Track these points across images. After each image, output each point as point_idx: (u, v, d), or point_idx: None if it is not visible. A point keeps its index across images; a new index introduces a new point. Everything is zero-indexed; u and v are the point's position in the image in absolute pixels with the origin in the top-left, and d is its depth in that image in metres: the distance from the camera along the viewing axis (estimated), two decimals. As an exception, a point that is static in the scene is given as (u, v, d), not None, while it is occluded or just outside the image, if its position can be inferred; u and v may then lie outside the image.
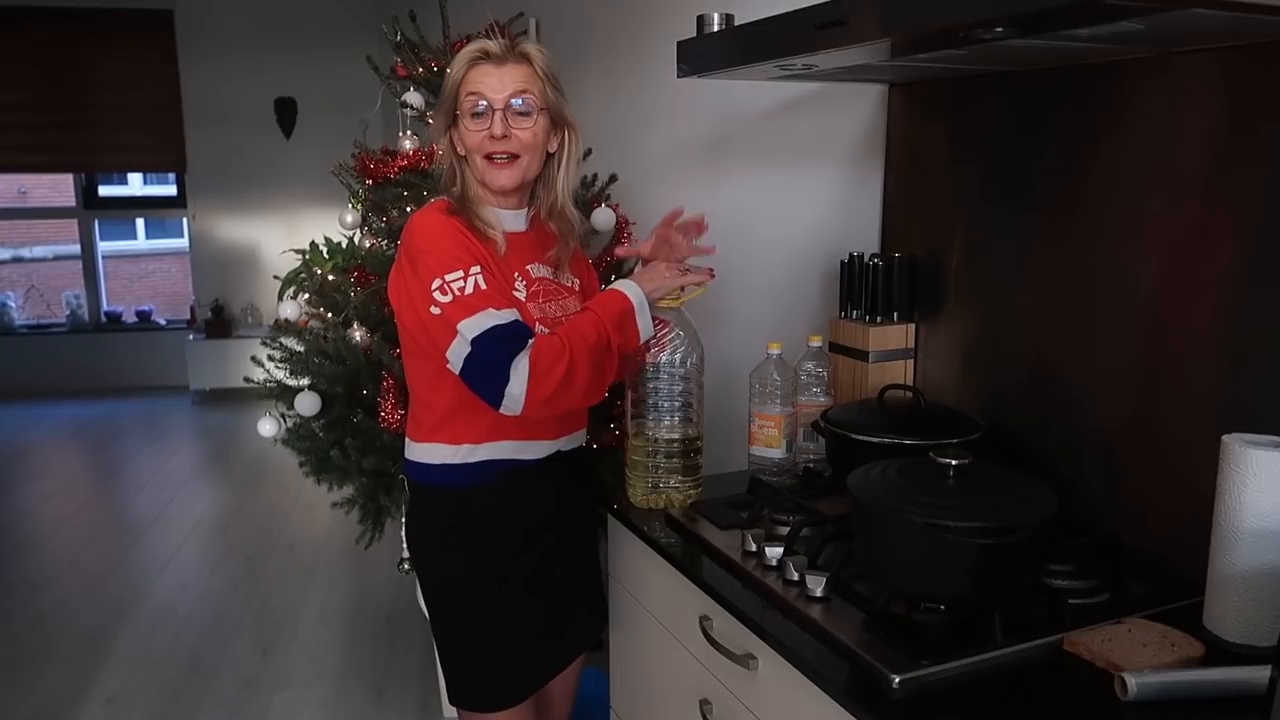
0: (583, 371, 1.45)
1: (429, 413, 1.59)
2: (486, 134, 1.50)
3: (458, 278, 1.44)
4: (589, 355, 1.46)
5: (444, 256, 1.46)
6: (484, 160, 1.52)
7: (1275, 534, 1.10)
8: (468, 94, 1.51)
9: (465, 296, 1.43)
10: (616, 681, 1.84)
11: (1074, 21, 1.04)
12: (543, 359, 1.42)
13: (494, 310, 1.43)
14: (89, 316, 7.20)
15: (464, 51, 1.53)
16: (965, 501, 1.20)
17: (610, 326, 1.49)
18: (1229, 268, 1.26)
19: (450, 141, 1.56)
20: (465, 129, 1.52)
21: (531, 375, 1.41)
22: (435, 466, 1.60)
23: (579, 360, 1.44)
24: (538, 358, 1.42)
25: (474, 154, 1.53)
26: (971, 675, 1.11)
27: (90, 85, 6.71)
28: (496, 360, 1.42)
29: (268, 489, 4.84)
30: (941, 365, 1.76)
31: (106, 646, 3.23)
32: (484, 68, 1.51)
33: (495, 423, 1.55)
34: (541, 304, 1.58)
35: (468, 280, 1.44)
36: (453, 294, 1.43)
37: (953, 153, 1.70)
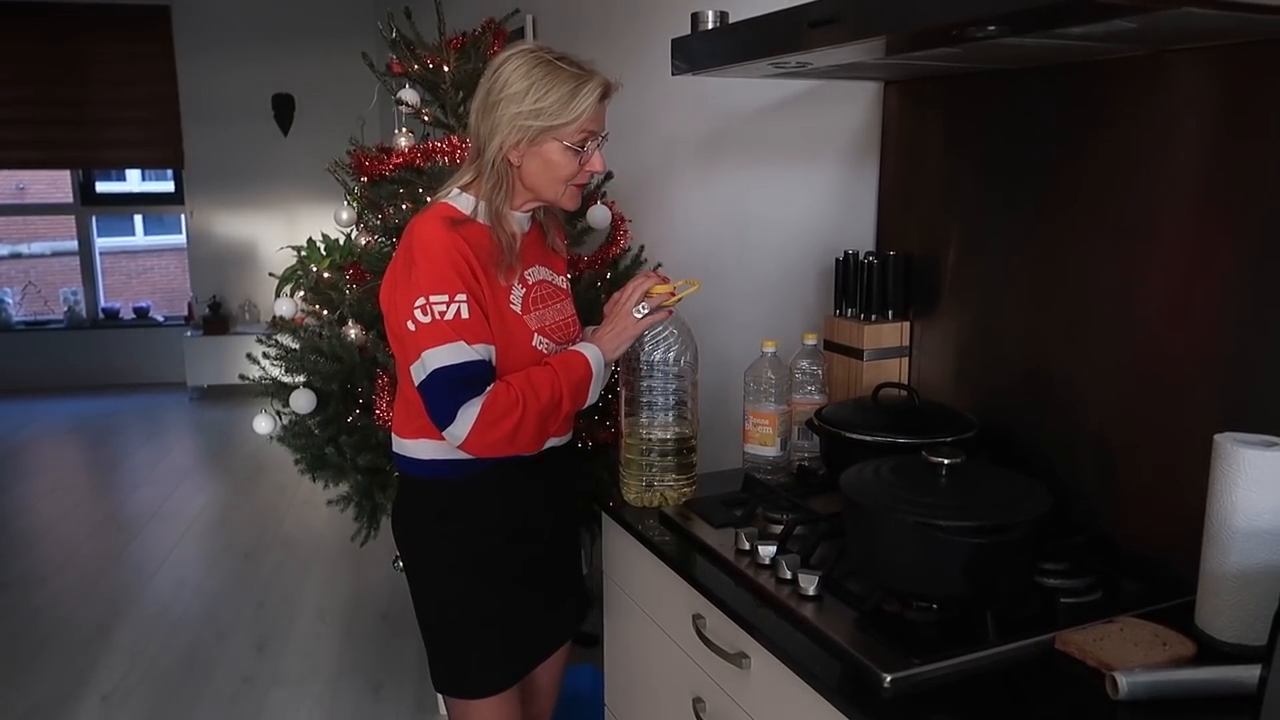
0: (529, 427, 1.48)
1: (416, 409, 1.57)
2: (584, 165, 1.51)
3: (442, 301, 1.43)
4: (538, 413, 1.49)
5: (436, 276, 1.45)
6: (570, 187, 1.53)
7: (1267, 533, 1.10)
8: (591, 129, 1.49)
9: (442, 322, 1.43)
10: (611, 679, 1.85)
11: (1066, 20, 1.04)
12: (494, 410, 1.44)
13: (464, 345, 1.44)
14: (86, 313, 7.19)
15: (598, 82, 1.48)
16: (958, 500, 1.20)
17: (567, 390, 1.52)
18: (1223, 266, 1.25)
19: (503, 149, 1.48)
20: (566, 156, 1.49)
21: (479, 423, 1.44)
22: (424, 462, 1.60)
23: (528, 417, 1.47)
24: (490, 408, 1.44)
25: (558, 182, 1.52)
26: (963, 674, 1.11)
27: (88, 81, 6.69)
28: (447, 398, 1.44)
29: (265, 486, 4.84)
30: (936, 363, 1.76)
31: (103, 643, 3.23)
32: (601, 107, 1.50)
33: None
34: (539, 311, 1.58)
35: (450, 307, 1.43)
36: (432, 316, 1.43)
37: (948, 151, 1.70)
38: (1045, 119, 1.49)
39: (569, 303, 1.68)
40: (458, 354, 1.43)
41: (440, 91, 2.54)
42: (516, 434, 1.47)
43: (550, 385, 1.50)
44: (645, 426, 1.66)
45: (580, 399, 1.55)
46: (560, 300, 1.65)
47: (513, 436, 1.47)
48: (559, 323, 1.62)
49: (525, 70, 1.46)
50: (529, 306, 1.57)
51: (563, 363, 1.53)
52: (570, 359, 1.54)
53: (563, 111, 1.45)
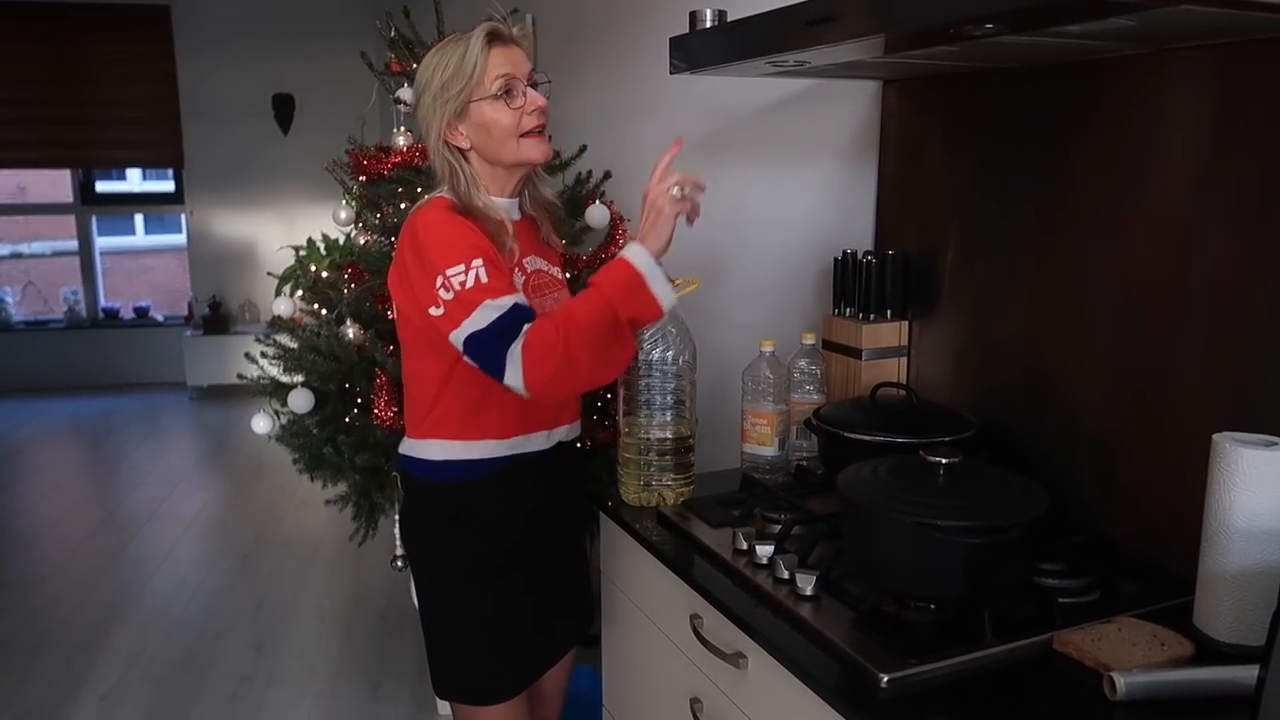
0: (581, 352, 1.39)
1: (428, 410, 1.58)
2: (522, 111, 1.48)
3: (459, 272, 1.41)
4: (586, 334, 1.39)
5: (447, 251, 1.44)
6: (524, 137, 1.50)
7: (1265, 533, 1.09)
8: (497, 76, 1.47)
9: (464, 292, 1.41)
10: (609, 679, 1.84)
11: (1065, 18, 1.04)
12: (535, 347, 1.38)
13: (490, 302, 1.40)
14: (86, 312, 7.20)
15: (476, 35, 1.48)
16: (955, 500, 1.19)
17: (615, 298, 1.40)
18: (1222, 266, 1.25)
19: (442, 137, 1.52)
20: (497, 111, 1.48)
21: (526, 364, 1.38)
22: (437, 463, 1.59)
23: (574, 343, 1.38)
24: (530, 347, 1.38)
25: (508, 137, 1.50)
26: (960, 674, 1.11)
27: (87, 81, 6.69)
28: (490, 355, 1.40)
29: (264, 485, 4.84)
30: (935, 363, 1.75)
31: (101, 643, 3.23)
32: (499, 48, 1.49)
33: (495, 421, 1.55)
34: (539, 300, 1.57)
35: (469, 274, 1.41)
36: (453, 291, 1.41)
37: (947, 150, 1.69)
38: (1044, 118, 1.49)
39: (565, 292, 1.67)
40: (486, 315, 1.40)
41: (439, 91, 2.53)
42: (572, 364, 1.38)
43: (588, 302, 1.41)
44: (643, 426, 1.66)
45: (639, 305, 1.42)
46: (557, 290, 1.65)
47: (568, 368, 1.38)
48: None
49: (428, 61, 1.53)
50: (529, 294, 1.55)
51: (604, 276, 1.43)
52: (610, 268, 1.43)
53: (462, 70, 1.48)
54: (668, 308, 1.45)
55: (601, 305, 1.40)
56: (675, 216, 1.46)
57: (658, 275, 1.43)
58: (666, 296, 1.44)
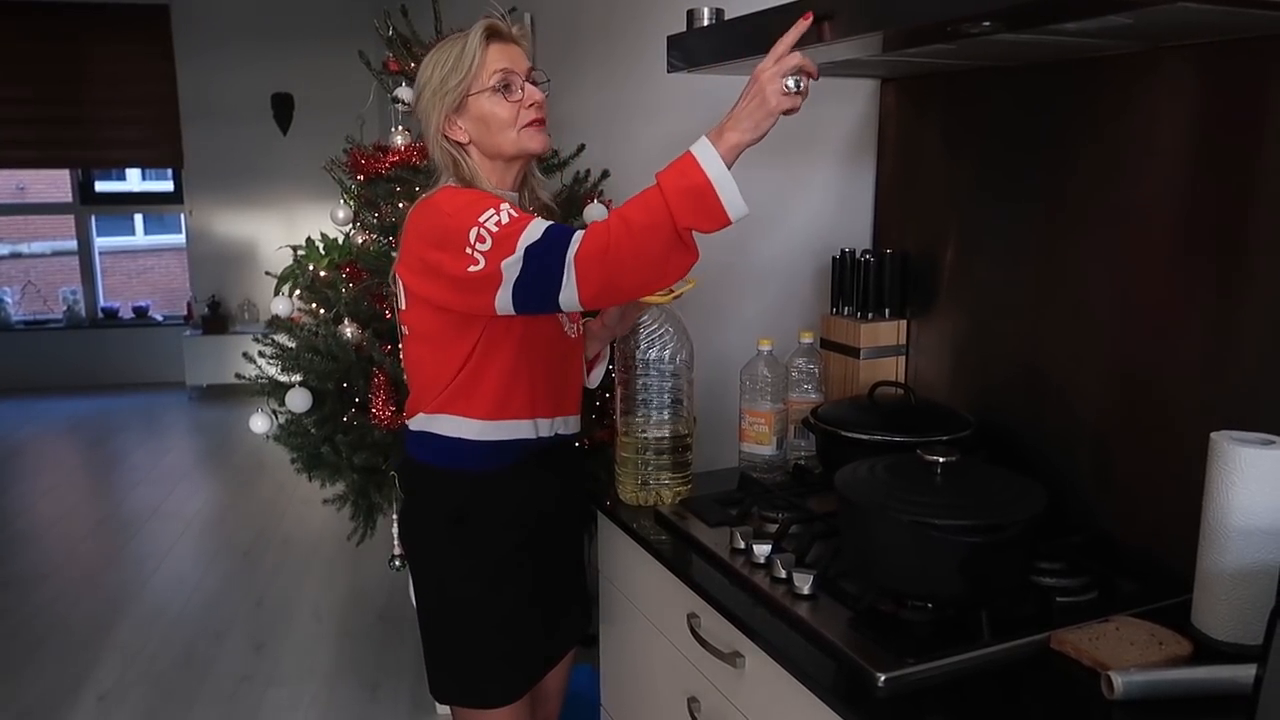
0: (632, 261, 1.29)
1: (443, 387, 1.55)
2: (521, 104, 1.50)
3: (490, 215, 1.38)
4: (640, 243, 1.28)
5: (474, 204, 1.41)
6: (524, 129, 1.51)
7: (1263, 532, 1.09)
8: (495, 70, 1.49)
9: (505, 227, 1.35)
10: (607, 679, 1.84)
11: (1062, 16, 1.04)
12: (589, 253, 1.29)
13: (536, 220, 1.36)
14: (86, 312, 7.19)
15: (475, 30, 1.50)
16: (952, 499, 1.19)
17: (676, 208, 1.27)
18: (1220, 264, 1.25)
19: (441, 131, 1.52)
20: (495, 104, 1.50)
21: (578, 272, 1.29)
22: (449, 442, 1.56)
23: (626, 250, 1.28)
24: (583, 254, 1.29)
25: (506, 128, 1.50)
26: (958, 673, 1.10)
27: (86, 80, 6.68)
28: (549, 265, 1.31)
29: (263, 485, 4.84)
30: (933, 362, 1.75)
31: (101, 642, 3.23)
32: (498, 45, 1.51)
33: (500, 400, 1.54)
34: None
35: (500, 213, 1.38)
36: (492, 232, 1.36)
37: (945, 148, 1.69)
38: (1042, 116, 1.48)
39: None
40: (537, 228, 1.34)
41: (437, 90, 2.53)
42: (622, 270, 1.29)
43: (646, 206, 1.29)
44: (641, 425, 1.66)
45: (701, 214, 1.29)
46: None
47: (619, 274, 1.29)
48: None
49: (427, 61, 1.55)
50: None
51: (667, 174, 1.31)
52: (675, 165, 1.30)
53: (460, 65, 1.50)
54: (737, 218, 1.30)
55: (660, 210, 1.28)
56: (780, 113, 1.30)
57: (728, 181, 1.28)
58: (737, 205, 1.29)
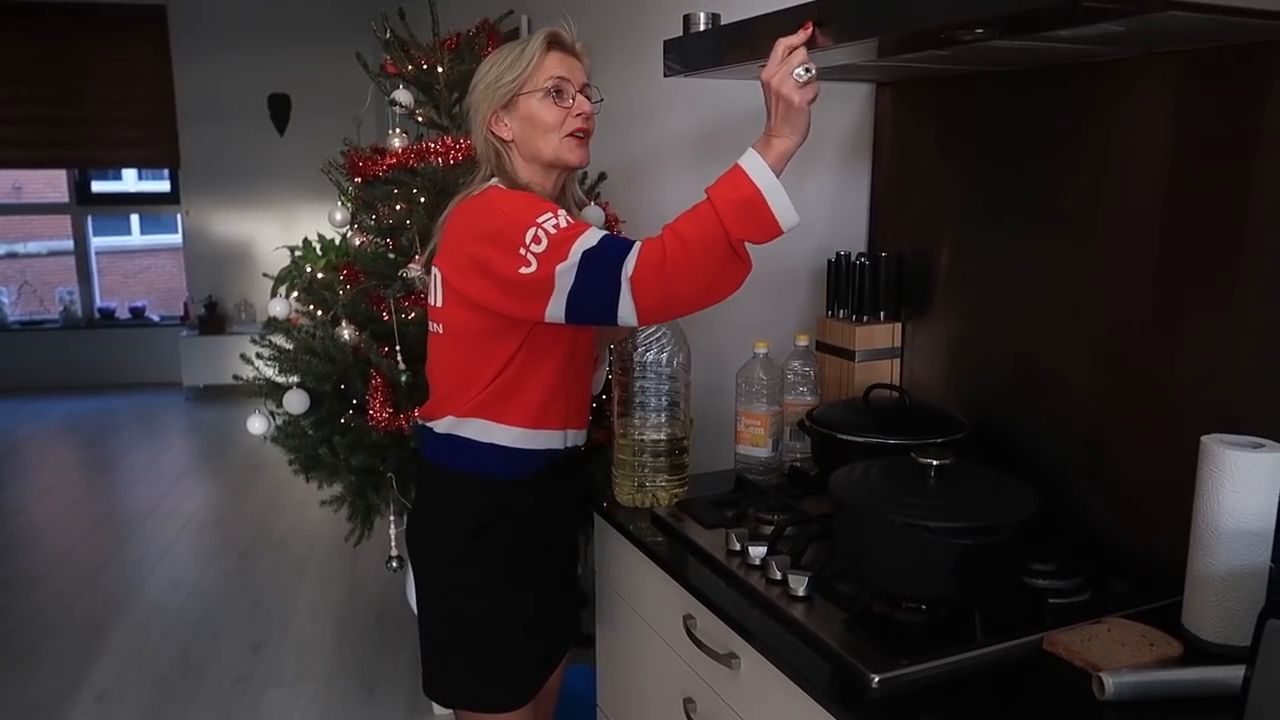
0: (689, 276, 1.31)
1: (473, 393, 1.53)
2: (570, 112, 1.52)
3: (548, 218, 1.38)
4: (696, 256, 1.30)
5: (531, 206, 1.42)
6: (567, 138, 1.52)
7: (1253, 534, 1.10)
8: (550, 75, 1.52)
9: (562, 231, 1.36)
10: (603, 679, 1.85)
11: (1054, 23, 1.04)
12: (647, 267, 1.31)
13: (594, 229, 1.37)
14: (82, 312, 7.19)
15: (539, 35, 1.54)
16: (946, 501, 1.20)
17: (729, 220, 1.29)
18: (1213, 267, 1.26)
19: (487, 125, 1.53)
20: (544, 108, 1.51)
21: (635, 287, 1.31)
22: (478, 446, 1.54)
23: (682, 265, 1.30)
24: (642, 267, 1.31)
25: (550, 132, 1.51)
26: (951, 675, 1.11)
27: (84, 80, 6.69)
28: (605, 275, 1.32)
29: (261, 485, 4.84)
30: (927, 364, 1.76)
31: (98, 642, 3.23)
32: (558, 54, 1.54)
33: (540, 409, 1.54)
34: None
35: (558, 218, 1.38)
36: (548, 235, 1.36)
37: (940, 152, 1.70)
38: (1037, 120, 1.49)
39: None
40: (594, 235, 1.36)
41: (434, 92, 2.54)
42: (679, 284, 1.31)
43: (699, 219, 1.31)
44: (638, 427, 1.66)
45: (755, 225, 1.30)
46: None
47: (676, 289, 1.31)
48: None
49: (487, 60, 1.58)
50: None
51: (717, 186, 1.33)
52: (725, 178, 1.33)
53: (516, 65, 1.53)
54: (789, 227, 1.31)
55: (712, 223, 1.30)
56: (808, 103, 1.30)
57: (778, 191, 1.30)
58: (789, 214, 1.30)
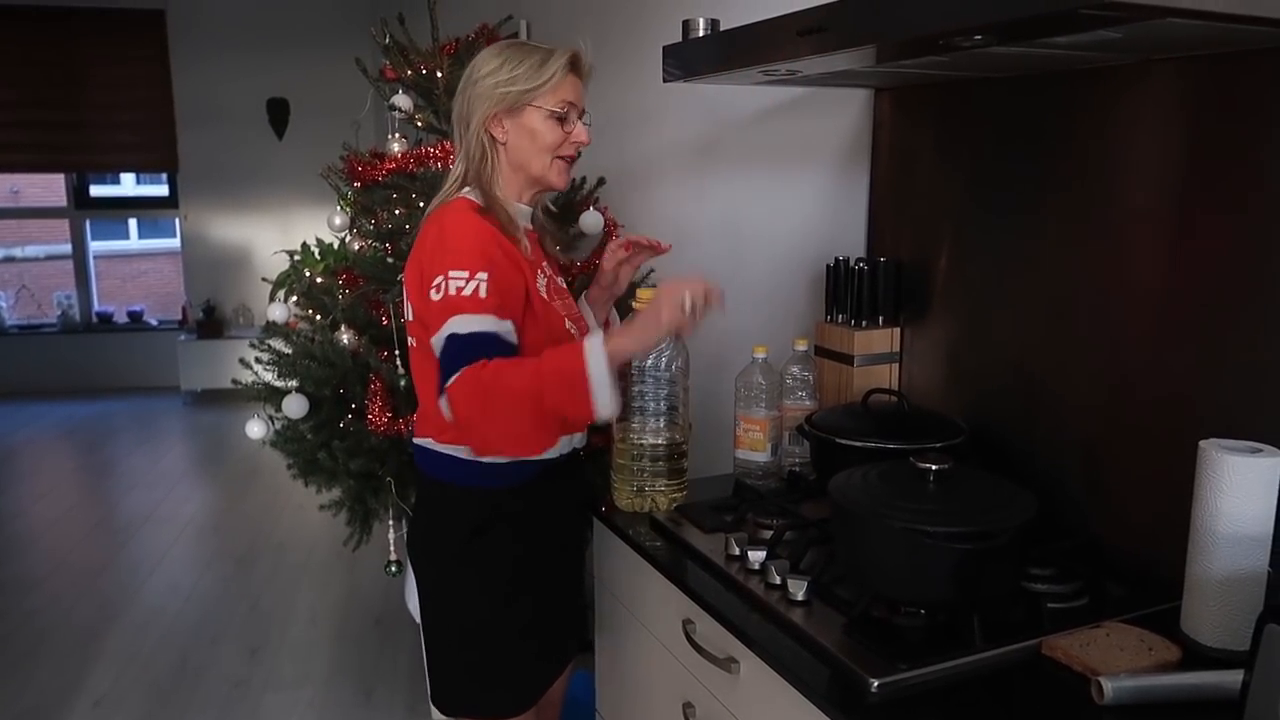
0: (496, 419, 1.36)
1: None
2: (569, 137, 1.54)
3: (461, 278, 1.41)
4: (509, 404, 1.35)
5: (461, 253, 1.43)
6: (557, 160, 1.55)
7: (1251, 539, 1.11)
8: (565, 98, 1.53)
9: (459, 298, 1.40)
10: (602, 684, 1.85)
11: (1052, 30, 1.05)
12: (463, 387, 1.36)
13: (477, 315, 1.40)
14: (80, 316, 7.19)
15: (563, 54, 1.54)
16: (945, 506, 1.20)
17: (550, 388, 1.36)
18: (1209, 274, 1.26)
19: (485, 127, 1.53)
20: (547, 126, 1.52)
21: (452, 398, 1.36)
22: (466, 462, 1.55)
23: (493, 406, 1.35)
24: (461, 382, 1.36)
25: (544, 151, 1.53)
26: (950, 679, 1.12)
27: (82, 85, 6.70)
28: (450, 365, 1.38)
29: (258, 490, 4.84)
30: (926, 369, 1.77)
31: (96, 647, 3.23)
32: (575, 78, 1.56)
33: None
34: (562, 300, 1.61)
35: (469, 284, 1.41)
36: (444, 292, 1.41)
37: (938, 157, 1.71)
38: (1034, 126, 1.50)
39: (571, 300, 1.69)
40: (469, 323, 1.39)
41: (434, 97, 2.54)
42: (485, 421, 1.36)
43: (522, 373, 1.36)
44: (637, 432, 1.67)
45: (571, 402, 1.36)
46: (567, 295, 1.68)
47: (482, 423, 1.36)
48: (575, 315, 1.64)
49: (497, 51, 1.55)
50: (552, 295, 1.58)
51: (554, 355, 1.39)
52: (564, 351, 1.40)
53: (535, 75, 1.51)
54: (602, 418, 1.38)
55: (532, 379, 1.36)
56: (669, 331, 1.41)
57: (604, 384, 1.35)
58: (605, 406, 1.36)
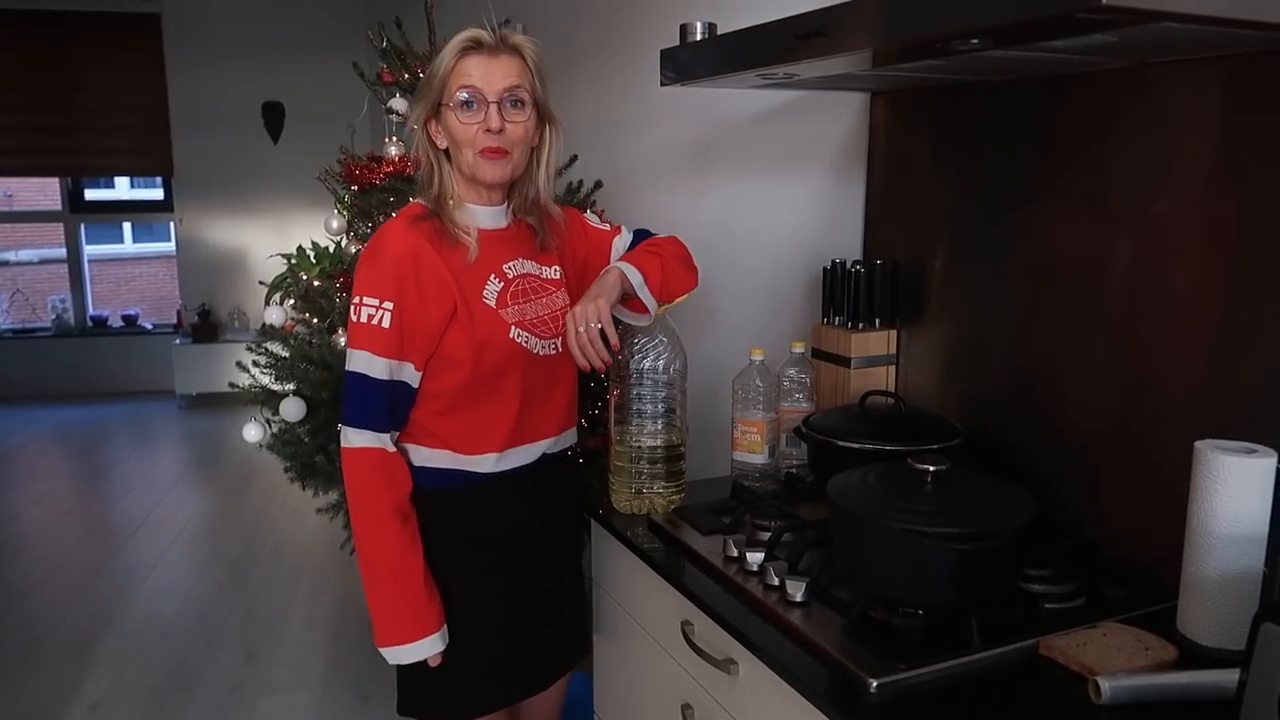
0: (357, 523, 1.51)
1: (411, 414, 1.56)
2: (480, 127, 1.44)
3: (372, 305, 1.45)
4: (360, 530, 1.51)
5: (373, 278, 1.46)
6: (476, 154, 1.46)
7: (1247, 539, 1.11)
8: (460, 85, 1.44)
9: (365, 326, 1.45)
10: (600, 686, 1.85)
11: (1048, 33, 1.06)
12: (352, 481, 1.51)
13: (372, 356, 1.45)
14: (75, 320, 7.17)
15: (454, 41, 1.47)
16: (943, 507, 1.21)
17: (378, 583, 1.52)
18: (1205, 276, 1.27)
19: (428, 135, 1.51)
20: (456, 121, 1.45)
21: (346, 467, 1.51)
22: (416, 468, 1.56)
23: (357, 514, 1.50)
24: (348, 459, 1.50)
25: (464, 147, 1.46)
26: (948, 679, 1.12)
27: (77, 88, 6.69)
28: (351, 404, 1.48)
29: (254, 493, 4.83)
30: (923, 371, 1.77)
31: (91, 652, 3.22)
32: (476, 58, 1.45)
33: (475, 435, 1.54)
34: (520, 305, 1.54)
35: (377, 313, 1.44)
36: (359, 316, 1.46)
37: (935, 160, 1.71)
38: (1030, 129, 1.51)
39: (561, 294, 1.62)
40: (366, 364, 1.46)
41: (430, 100, 2.55)
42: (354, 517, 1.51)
43: (375, 543, 1.50)
44: (634, 434, 1.67)
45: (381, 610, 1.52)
46: (550, 293, 1.60)
47: (352, 512, 1.52)
48: (545, 316, 1.57)
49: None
50: (506, 301, 1.52)
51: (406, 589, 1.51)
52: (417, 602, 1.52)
53: (437, 72, 1.48)
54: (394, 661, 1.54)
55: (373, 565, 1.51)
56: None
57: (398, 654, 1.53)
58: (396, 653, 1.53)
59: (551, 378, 1.61)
